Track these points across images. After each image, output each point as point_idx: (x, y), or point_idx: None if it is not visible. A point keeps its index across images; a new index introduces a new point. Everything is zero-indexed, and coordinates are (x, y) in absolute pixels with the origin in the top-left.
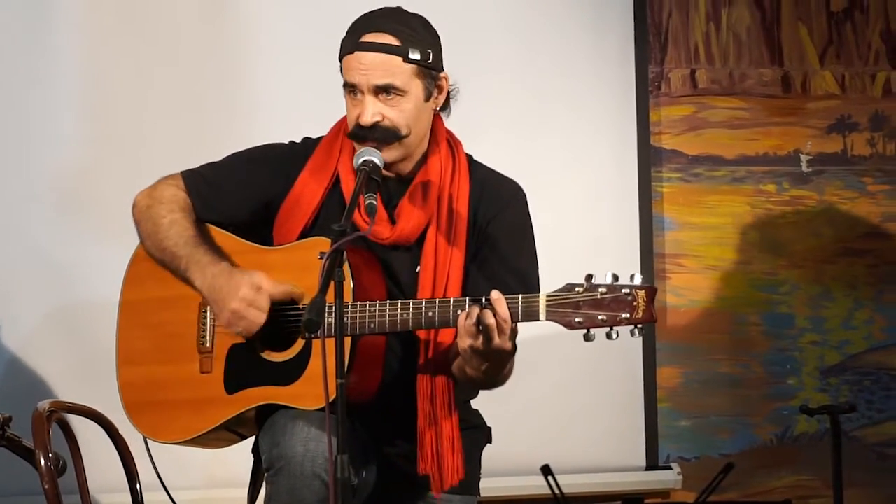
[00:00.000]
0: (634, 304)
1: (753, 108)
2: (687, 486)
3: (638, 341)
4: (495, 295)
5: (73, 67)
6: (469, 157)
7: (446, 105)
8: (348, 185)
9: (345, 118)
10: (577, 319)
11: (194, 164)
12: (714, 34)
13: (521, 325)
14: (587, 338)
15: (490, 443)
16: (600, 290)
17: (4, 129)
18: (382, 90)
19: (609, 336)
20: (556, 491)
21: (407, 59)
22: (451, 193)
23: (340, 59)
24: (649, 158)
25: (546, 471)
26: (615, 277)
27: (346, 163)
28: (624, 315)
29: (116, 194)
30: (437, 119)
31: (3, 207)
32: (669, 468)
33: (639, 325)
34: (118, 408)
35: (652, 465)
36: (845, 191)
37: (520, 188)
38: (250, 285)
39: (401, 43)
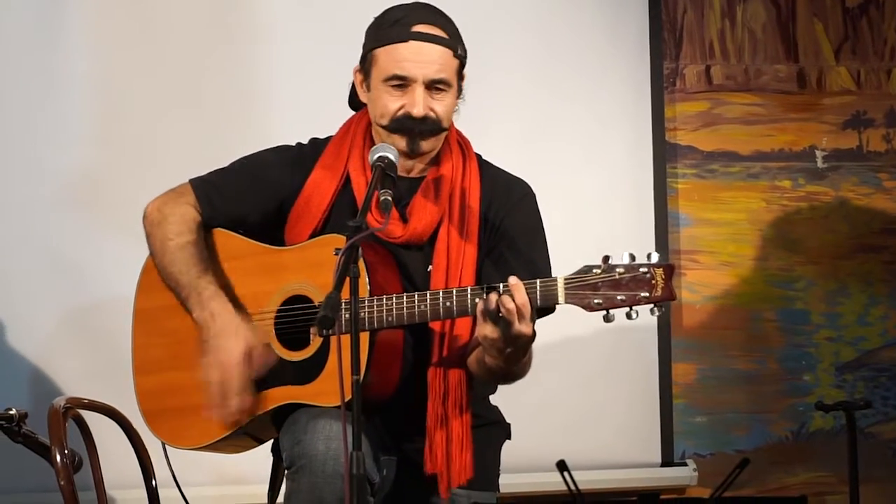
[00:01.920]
0: (653, 282)
1: (769, 103)
2: (702, 482)
3: (653, 337)
4: (513, 280)
5: (86, 69)
6: (478, 157)
7: None
8: (359, 185)
9: (356, 117)
10: (595, 301)
11: (207, 164)
12: (729, 30)
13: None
14: (607, 319)
15: (509, 438)
16: (618, 270)
17: (18, 131)
18: (435, 84)
19: (629, 316)
20: (572, 486)
21: (455, 55)
22: (462, 191)
23: (376, 47)
24: (664, 155)
25: (562, 466)
26: (632, 257)
27: (356, 162)
28: (643, 294)
29: (129, 194)
30: None
31: (17, 208)
32: (685, 464)
33: (658, 304)
34: (133, 405)
35: (667, 461)
36: (861, 187)
37: (529, 187)
38: (243, 351)
39: (449, 37)
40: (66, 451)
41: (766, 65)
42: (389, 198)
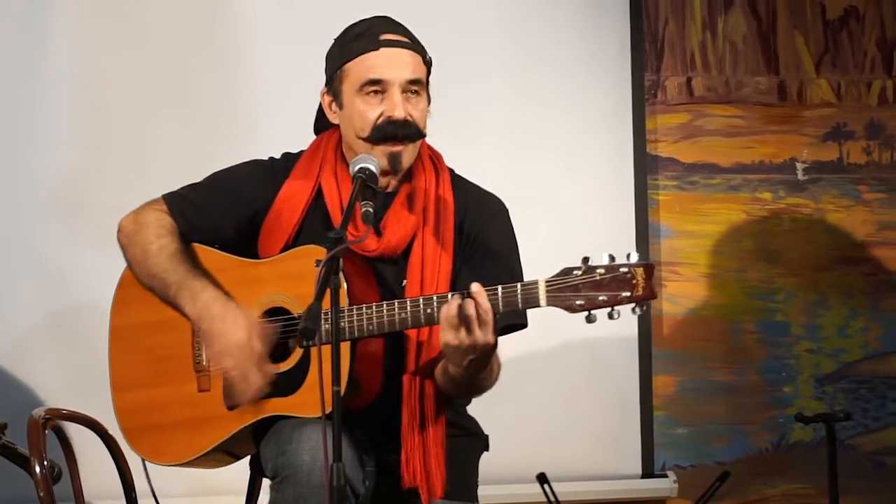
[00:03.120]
0: (634, 281)
1: (749, 116)
2: (683, 493)
3: (633, 349)
4: (475, 287)
5: (70, 71)
6: (451, 170)
7: None
8: (332, 198)
9: (327, 133)
10: (577, 302)
11: (193, 168)
12: (710, 42)
13: (514, 336)
14: (589, 319)
15: (487, 450)
16: (598, 271)
17: (1, 134)
18: (412, 85)
19: (611, 316)
20: (552, 498)
21: (424, 60)
22: (436, 204)
23: (346, 62)
24: (645, 166)
25: (542, 479)
26: (612, 258)
27: (328, 176)
28: (624, 294)
29: (113, 199)
30: None
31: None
32: (665, 476)
33: (640, 303)
34: (114, 415)
35: (648, 472)
36: (841, 199)
37: (502, 202)
38: (247, 329)
39: (415, 44)
40: (45, 462)
41: (746, 77)
42: (370, 209)
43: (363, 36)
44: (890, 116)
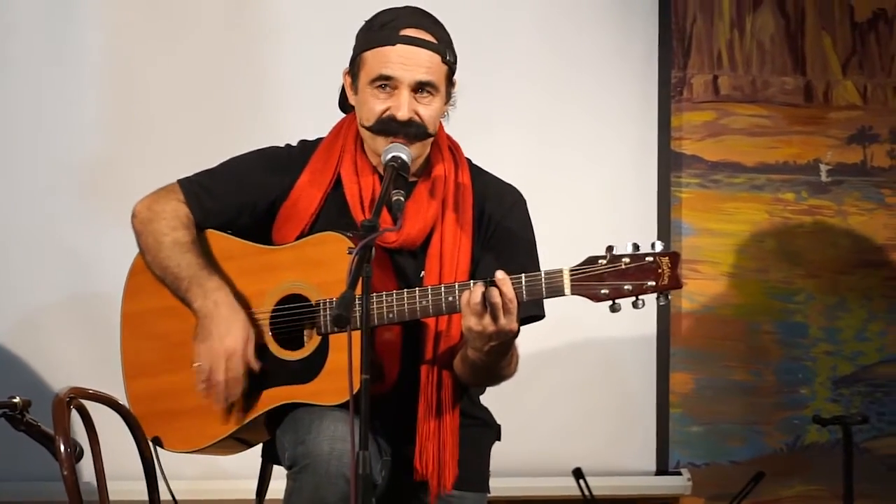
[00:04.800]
0: (659, 270)
1: (774, 116)
2: (696, 492)
3: (652, 346)
4: (500, 275)
5: (97, 57)
6: (469, 161)
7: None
8: (351, 188)
9: (347, 120)
10: (602, 291)
11: (218, 155)
12: (738, 41)
13: (532, 329)
14: (613, 309)
15: (499, 440)
16: (623, 259)
17: (27, 118)
18: (422, 87)
19: (635, 305)
20: (587, 493)
21: (444, 60)
22: (455, 190)
23: (365, 50)
24: (669, 163)
25: (578, 474)
26: (636, 246)
27: (348, 166)
28: (650, 283)
29: (138, 184)
30: None
31: (26, 196)
32: (679, 474)
33: (665, 292)
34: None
35: (662, 470)
36: (863, 202)
37: (521, 193)
38: (243, 342)
39: (438, 42)
40: (69, 442)
41: (773, 77)
42: (402, 198)
43: (385, 27)
44: None
